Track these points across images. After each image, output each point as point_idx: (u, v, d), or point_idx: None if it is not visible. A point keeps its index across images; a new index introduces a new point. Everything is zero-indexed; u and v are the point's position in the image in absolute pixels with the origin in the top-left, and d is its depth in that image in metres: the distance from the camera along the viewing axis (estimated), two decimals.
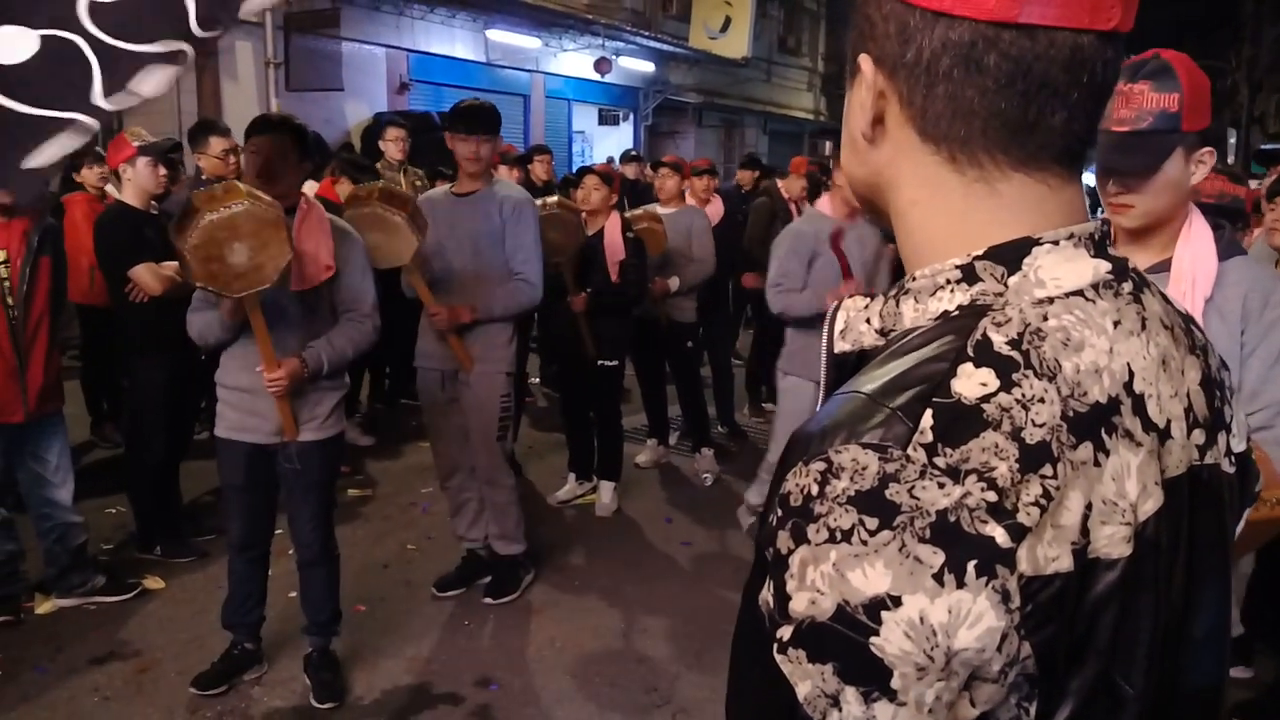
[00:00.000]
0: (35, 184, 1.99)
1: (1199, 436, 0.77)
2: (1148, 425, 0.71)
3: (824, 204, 4.41)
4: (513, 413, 4.41)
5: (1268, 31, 23.45)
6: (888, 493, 0.62)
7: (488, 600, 4.29)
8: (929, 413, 0.64)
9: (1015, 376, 0.66)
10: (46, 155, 1.85)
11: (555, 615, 4.25)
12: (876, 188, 0.81)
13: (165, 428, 4.58)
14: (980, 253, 0.73)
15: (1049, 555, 0.63)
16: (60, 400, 4.10)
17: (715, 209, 6.72)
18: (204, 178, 5.19)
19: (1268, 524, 1.85)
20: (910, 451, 0.63)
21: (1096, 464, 0.66)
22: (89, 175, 6.32)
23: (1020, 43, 0.69)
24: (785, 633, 0.63)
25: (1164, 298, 0.80)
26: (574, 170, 9.76)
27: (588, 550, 4.97)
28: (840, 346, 0.82)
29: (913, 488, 0.62)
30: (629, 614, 4.28)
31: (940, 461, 0.62)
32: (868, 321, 0.79)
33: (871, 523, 0.61)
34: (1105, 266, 0.74)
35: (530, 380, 7.34)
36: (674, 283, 5.73)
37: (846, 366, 0.78)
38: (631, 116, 20.84)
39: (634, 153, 12.44)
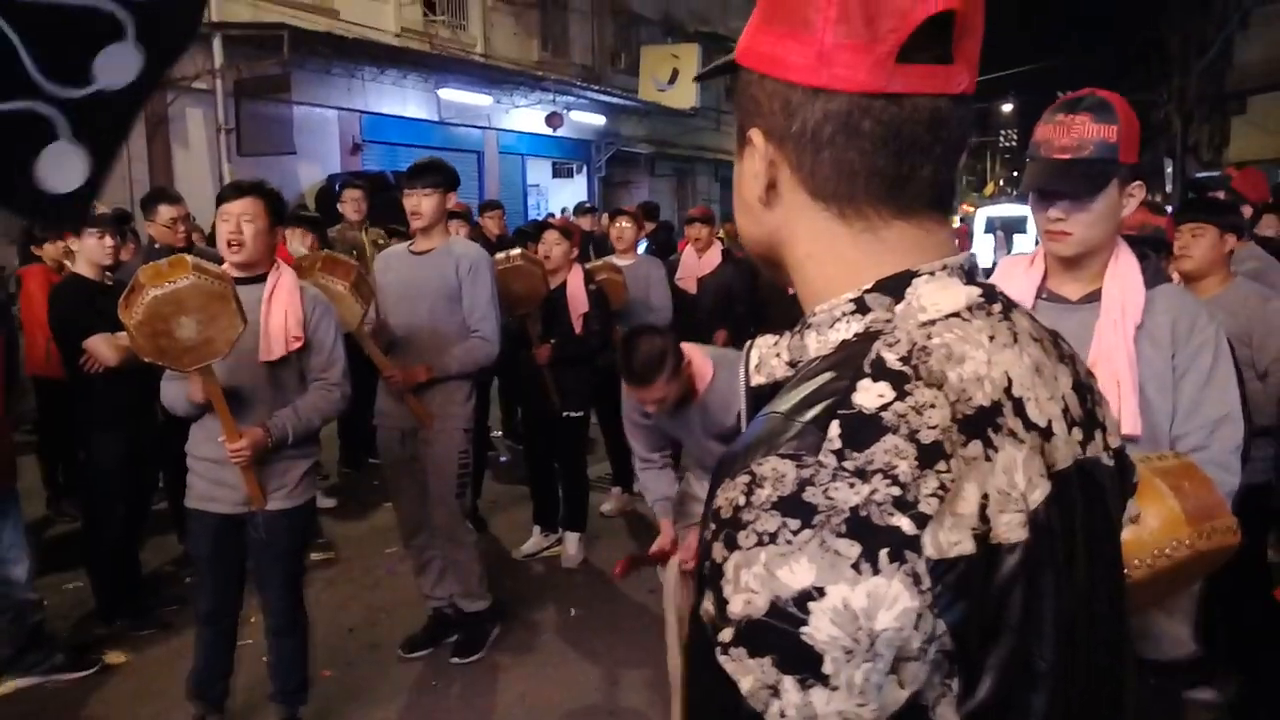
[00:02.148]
0: (68, 210, 1.94)
1: (1078, 434, 0.86)
2: (1029, 424, 0.80)
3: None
4: (471, 469, 4.41)
5: (1195, 64, 24.21)
6: (805, 495, 0.69)
7: (455, 660, 4.26)
8: (835, 423, 0.72)
9: (908, 387, 0.74)
10: (61, 173, 1.84)
11: (523, 671, 4.23)
12: (773, 245, 0.91)
13: (123, 500, 4.53)
14: (869, 286, 0.83)
15: (951, 540, 0.69)
16: (12, 478, 4.05)
17: (711, 258, 6.68)
18: (156, 246, 5.18)
19: (1217, 553, 1.86)
20: (822, 458, 0.70)
21: (987, 459, 0.74)
22: (50, 250, 6.28)
23: (890, 109, 0.79)
24: (727, 635, 0.69)
25: (1030, 317, 0.91)
26: (529, 223, 9.75)
27: (555, 603, 4.95)
28: (756, 380, 0.91)
29: (827, 489, 0.69)
30: (599, 665, 4.27)
31: (849, 464, 0.70)
32: (778, 356, 0.89)
33: (794, 523, 0.68)
34: (976, 291, 0.84)
35: (493, 434, 7.33)
36: None
37: (763, 398, 0.86)
38: (585, 168, 21.09)
39: (588, 205, 12.55)
